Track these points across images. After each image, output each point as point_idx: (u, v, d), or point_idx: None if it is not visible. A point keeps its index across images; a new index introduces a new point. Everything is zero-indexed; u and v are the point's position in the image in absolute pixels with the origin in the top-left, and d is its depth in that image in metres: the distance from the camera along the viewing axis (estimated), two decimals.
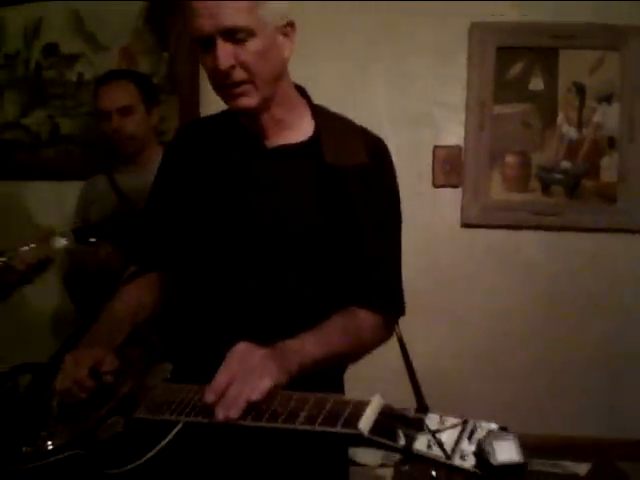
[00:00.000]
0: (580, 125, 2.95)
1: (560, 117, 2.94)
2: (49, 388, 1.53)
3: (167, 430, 1.28)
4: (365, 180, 1.49)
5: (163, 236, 1.66)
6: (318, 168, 1.50)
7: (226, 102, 1.50)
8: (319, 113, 1.61)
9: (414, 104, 3.03)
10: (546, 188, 2.97)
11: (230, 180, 1.55)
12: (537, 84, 2.95)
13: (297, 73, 2.89)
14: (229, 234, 1.53)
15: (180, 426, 1.27)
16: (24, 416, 1.57)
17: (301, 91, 1.64)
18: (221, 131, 1.61)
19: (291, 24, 1.50)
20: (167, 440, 1.26)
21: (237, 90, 1.45)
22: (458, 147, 3.00)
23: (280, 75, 1.52)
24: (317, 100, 2.73)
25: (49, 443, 1.46)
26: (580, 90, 2.94)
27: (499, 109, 2.98)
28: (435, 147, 3.02)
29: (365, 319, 1.49)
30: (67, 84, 3.20)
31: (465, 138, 3.00)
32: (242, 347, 1.26)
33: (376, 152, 1.58)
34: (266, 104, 1.50)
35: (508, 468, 0.93)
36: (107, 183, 2.73)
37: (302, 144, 1.56)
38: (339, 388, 1.60)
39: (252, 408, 1.18)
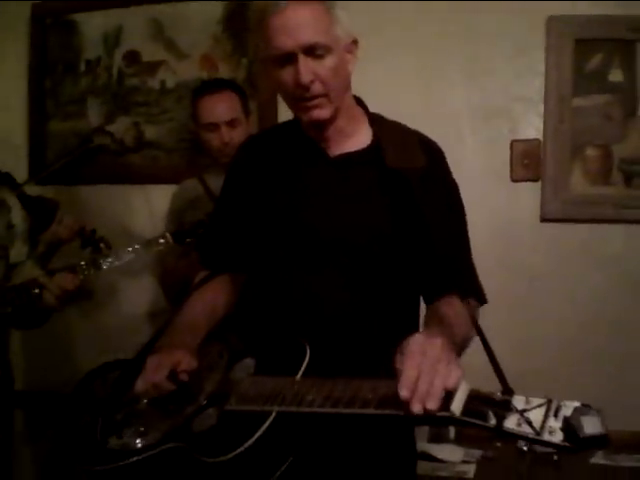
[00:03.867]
0: None
1: None
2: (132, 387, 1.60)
3: (259, 420, 1.33)
4: (426, 181, 1.56)
5: (232, 242, 1.76)
6: (380, 173, 1.59)
7: (300, 114, 1.61)
8: (376, 121, 1.70)
9: (491, 98, 3.02)
10: (628, 180, 2.91)
11: (298, 188, 1.65)
12: (616, 76, 2.90)
13: (374, 70, 2.93)
14: (301, 239, 1.61)
15: (274, 415, 1.33)
16: (111, 413, 1.64)
17: (358, 101, 1.73)
18: (284, 142, 1.71)
19: (355, 41, 1.61)
20: (264, 428, 1.32)
21: (313, 103, 1.56)
22: (537, 141, 2.97)
23: (347, 88, 1.63)
24: (394, 97, 2.78)
25: (144, 439, 1.51)
26: None
27: (578, 101, 2.94)
28: (513, 141, 2.99)
29: (463, 307, 1.49)
30: (150, 91, 3.30)
31: (544, 131, 2.97)
32: (420, 338, 1.25)
33: (432, 154, 1.66)
34: (336, 114, 1.60)
35: (594, 440, 1.02)
36: (200, 187, 2.81)
37: (363, 151, 1.65)
38: None
39: (447, 397, 1.16)
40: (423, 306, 1.70)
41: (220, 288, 1.80)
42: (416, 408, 1.15)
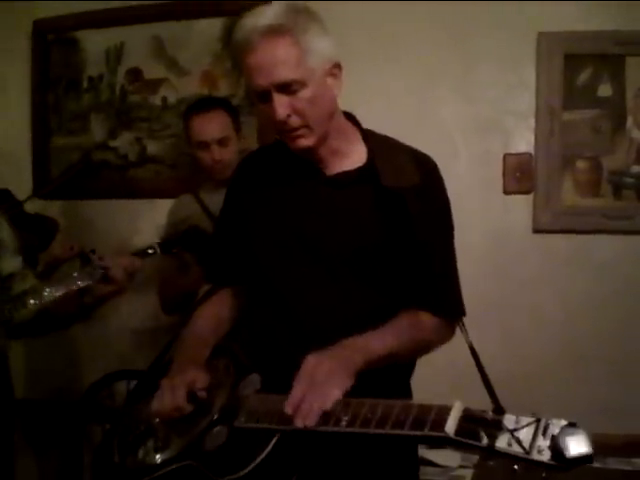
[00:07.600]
0: None
1: (629, 122, 2.96)
2: (148, 406, 1.65)
3: (266, 438, 1.40)
4: (420, 198, 1.60)
5: (235, 257, 1.80)
6: (375, 191, 1.62)
7: (286, 143, 1.65)
8: (370, 138, 1.72)
9: (483, 112, 3.08)
10: (617, 192, 2.98)
11: (295, 207, 1.69)
12: (605, 90, 2.97)
13: (367, 84, 2.99)
14: (298, 256, 1.66)
15: (279, 435, 1.40)
16: (125, 429, 1.70)
17: (351, 118, 1.75)
18: (281, 161, 1.74)
19: (337, 65, 1.62)
20: (272, 445, 1.39)
21: (295, 134, 1.60)
22: (528, 154, 3.03)
23: (332, 112, 1.65)
24: (387, 111, 2.85)
25: (158, 456, 1.57)
26: None
27: (568, 115, 3.00)
28: (505, 155, 3.05)
29: (426, 320, 1.62)
30: (152, 108, 3.35)
31: (535, 145, 3.03)
32: (311, 360, 1.42)
33: (427, 171, 1.69)
34: (322, 140, 1.63)
35: (579, 459, 1.08)
36: (195, 202, 2.87)
37: (358, 170, 1.67)
38: (407, 393, 1.72)
39: (327, 416, 1.33)
40: None
41: (225, 302, 1.85)
42: (298, 424, 1.33)
